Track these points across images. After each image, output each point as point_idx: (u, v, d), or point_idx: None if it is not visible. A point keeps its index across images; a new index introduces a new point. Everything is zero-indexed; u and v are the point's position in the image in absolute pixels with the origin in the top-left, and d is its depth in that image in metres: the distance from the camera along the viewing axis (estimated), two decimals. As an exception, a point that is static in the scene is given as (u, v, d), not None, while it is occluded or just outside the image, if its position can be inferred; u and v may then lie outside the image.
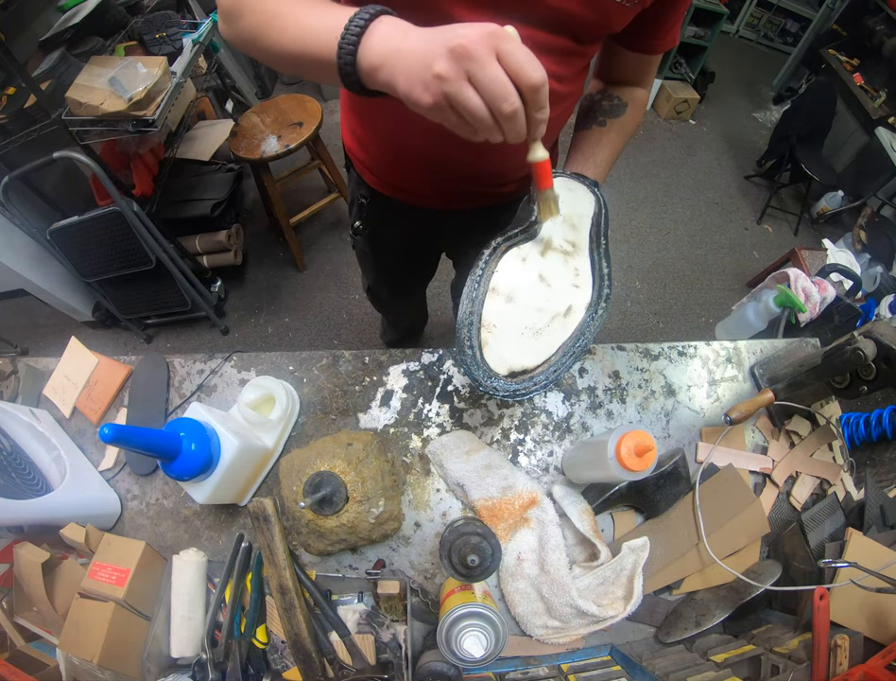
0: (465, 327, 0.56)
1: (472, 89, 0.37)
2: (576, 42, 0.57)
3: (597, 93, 0.73)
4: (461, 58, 0.36)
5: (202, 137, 2.19)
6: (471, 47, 0.36)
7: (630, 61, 0.69)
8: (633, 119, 0.71)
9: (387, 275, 1.14)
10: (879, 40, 2.73)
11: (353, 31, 0.41)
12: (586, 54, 0.61)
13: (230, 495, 0.70)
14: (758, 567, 0.69)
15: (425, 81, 0.38)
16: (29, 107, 1.39)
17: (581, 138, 0.71)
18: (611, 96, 0.71)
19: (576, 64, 0.61)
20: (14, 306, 1.99)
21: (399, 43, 0.40)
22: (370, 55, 0.41)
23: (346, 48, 0.42)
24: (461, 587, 0.60)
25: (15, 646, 0.66)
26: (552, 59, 0.57)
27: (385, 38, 0.41)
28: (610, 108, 0.70)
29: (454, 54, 0.36)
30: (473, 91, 0.37)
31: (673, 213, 2.70)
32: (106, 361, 0.83)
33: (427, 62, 0.38)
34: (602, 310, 0.61)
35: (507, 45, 0.37)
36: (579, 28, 0.55)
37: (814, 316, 1.42)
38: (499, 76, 0.36)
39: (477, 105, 0.37)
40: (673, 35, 0.64)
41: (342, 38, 0.42)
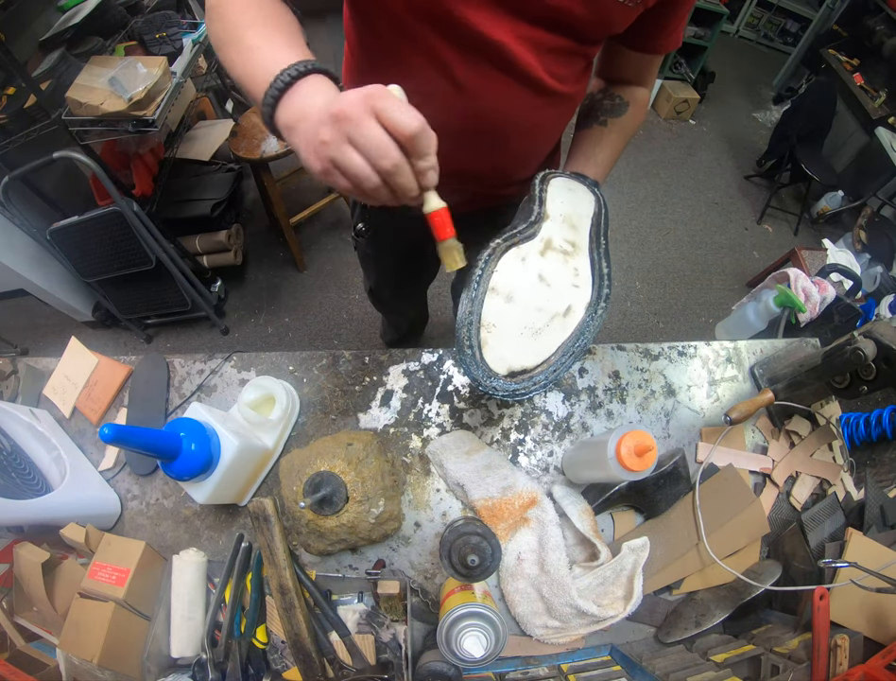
0: (465, 327, 0.56)
1: (353, 150, 0.37)
2: (577, 42, 0.56)
3: (599, 92, 0.73)
4: (340, 121, 0.37)
5: (202, 137, 2.19)
6: (347, 110, 0.37)
7: (633, 61, 0.68)
8: (635, 119, 0.71)
9: (388, 277, 1.14)
10: (879, 40, 2.73)
11: (278, 85, 0.42)
12: (588, 54, 0.61)
13: (230, 495, 0.70)
14: (758, 567, 0.69)
15: (315, 148, 0.39)
16: (29, 107, 1.39)
17: (582, 137, 0.71)
18: (613, 95, 0.71)
19: (577, 64, 0.61)
20: (14, 306, 1.99)
21: (305, 109, 0.41)
22: (284, 116, 0.43)
23: (267, 101, 0.43)
24: (461, 587, 0.60)
25: (15, 646, 0.66)
26: (553, 58, 0.57)
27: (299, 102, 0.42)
28: (611, 107, 0.70)
29: (334, 118, 0.37)
30: (354, 152, 0.37)
31: (673, 213, 2.70)
32: (106, 361, 0.83)
33: (316, 130, 0.39)
34: (602, 310, 0.61)
35: (381, 103, 0.37)
36: (581, 28, 0.55)
37: (814, 316, 1.42)
38: (375, 133, 0.37)
39: (359, 164, 0.38)
40: (676, 36, 0.64)
41: (267, 92, 0.43)
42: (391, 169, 0.38)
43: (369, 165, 0.38)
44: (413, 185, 0.40)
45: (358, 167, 0.38)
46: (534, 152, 0.73)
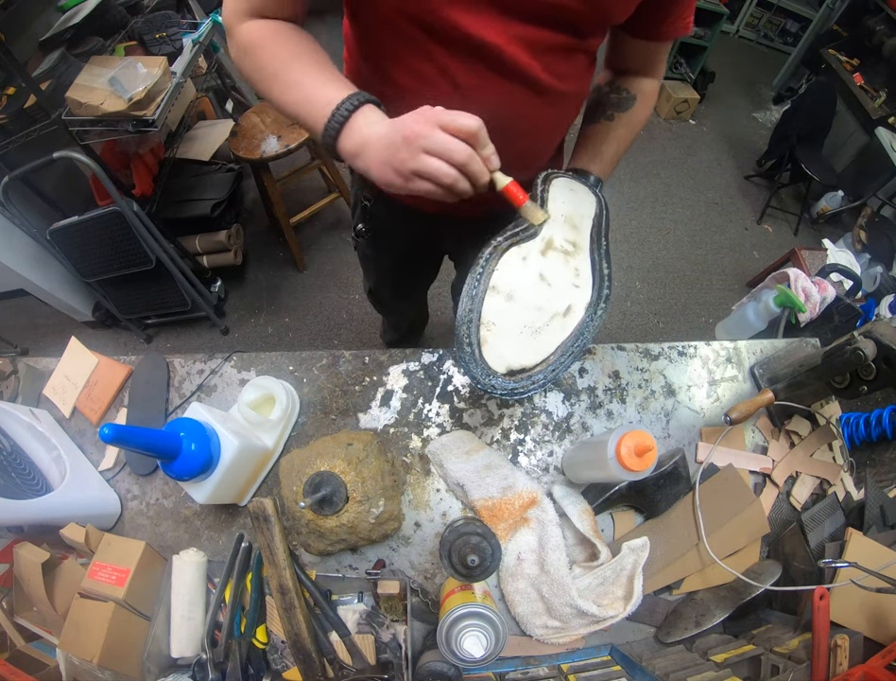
0: (464, 325, 0.56)
1: (429, 157, 0.45)
2: (575, 36, 0.56)
3: (606, 85, 0.72)
4: (413, 140, 0.45)
5: (202, 137, 2.19)
6: (417, 129, 0.45)
7: (639, 50, 0.67)
8: (642, 113, 0.70)
9: (389, 277, 1.14)
10: (879, 40, 2.73)
11: (337, 119, 0.49)
12: (589, 49, 0.60)
13: (230, 495, 0.70)
14: (758, 567, 0.69)
15: (394, 167, 0.47)
16: (29, 107, 1.39)
17: (589, 133, 0.70)
18: (620, 88, 0.70)
19: (578, 60, 0.60)
20: (14, 306, 1.99)
21: (367, 136, 0.49)
22: (348, 145, 0.50)
23: (329, 133, 0.50)
24: (461, 587, 0.60)
25: (15, 646, 0.66)
26: (552, 56, 0.56)
27: (359, 131, 0.49)
28: (618, 101, 0.69)
29: (407, 141, 0.46)
30: (430, 158, 0.45)
31: (673, 213, 2.70)
32: (106, 361, 0.83)
33: (391, 152, 0.47)
34: (601, 311, 0.61)
35: (442, 117, 0.45)
36: (578, 22, 0.54)
37: (814, 316, 1.42)
38: (444, 138, 0.45)
39: (439, 166, 0.45)
40: (685, 21, 0.61)
41: (327, 125, 0.50)
42: (466, 160, 0.46)
43: (445, 163, 0.45)
44: (483, 169, 0.48)
45: (438, 168, 0.45)
46: (537, 152, 0.72)
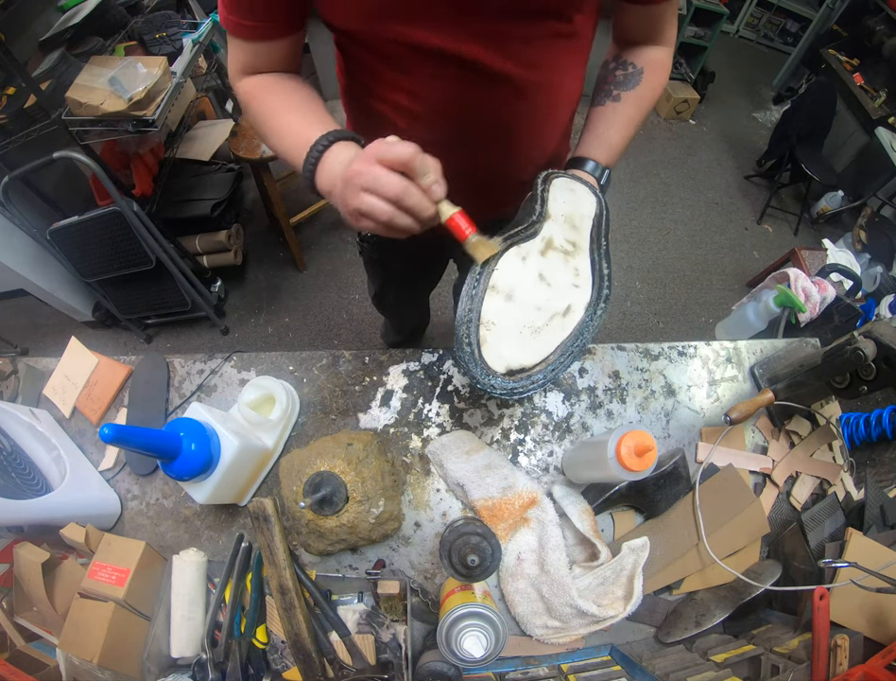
0: (464, 324, 0.56)
1: (367, 194, 0.44)
2: (559, 20, 0.53)
3: (612, 60, 0.68)
4: (352, 179, 0.44)
5: (202, 137, 2.19)
6: (356, 167, 0.44)
7: (639, 16, 0.63)
8: (652, 87, 0.66)
9: (394, 282, 1.13)
10: (879, 40, 2.73)
11: (311, 161, 0.51)
12: (577, 33, 0.57)
13: (230, 495, 0.70)
14: (758, 567, 0.69)
15: (346, 209, 0.47)
16: (29, 107, 1.39)
17: (594, 116, 0.67)
18: (625, 63, 0.66)
19: (569, 47, 0.58)
20: (14, 306, 1.99)
21: (334, 177, 0.49)
22: (321, 185, 0.52)
23: (307, 175, 0.52)
24: (461, 587, 0.60)
25: (15, 646, 0.66)
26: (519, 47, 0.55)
27: (329, 171, 0.50)
28: (623, 79, 0.66)
29: (347, 180, 0.45)
30: (368, 195, 0.44)
31: (673, 213, 2.70)
32: (106, 361, 0.83)
33: (342, 195, 0.47)
34: (601, 311, 0.61)
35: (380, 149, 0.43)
36: (552, 4, 0.52)
37: (814, 316, 1.42)
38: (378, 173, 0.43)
39: (373, 203, 0.44)
40: None
41: (304, 165, 0.52)
42: (398, 193, 0.43)
43: (381, 199, 0.43)
44: (424, 202, 0.45)
45: (373, 205, 0.44)
46: (525, 149, 0.70)
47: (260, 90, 0.60)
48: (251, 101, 0.61)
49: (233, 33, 0.57)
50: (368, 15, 0.52)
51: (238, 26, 0.56)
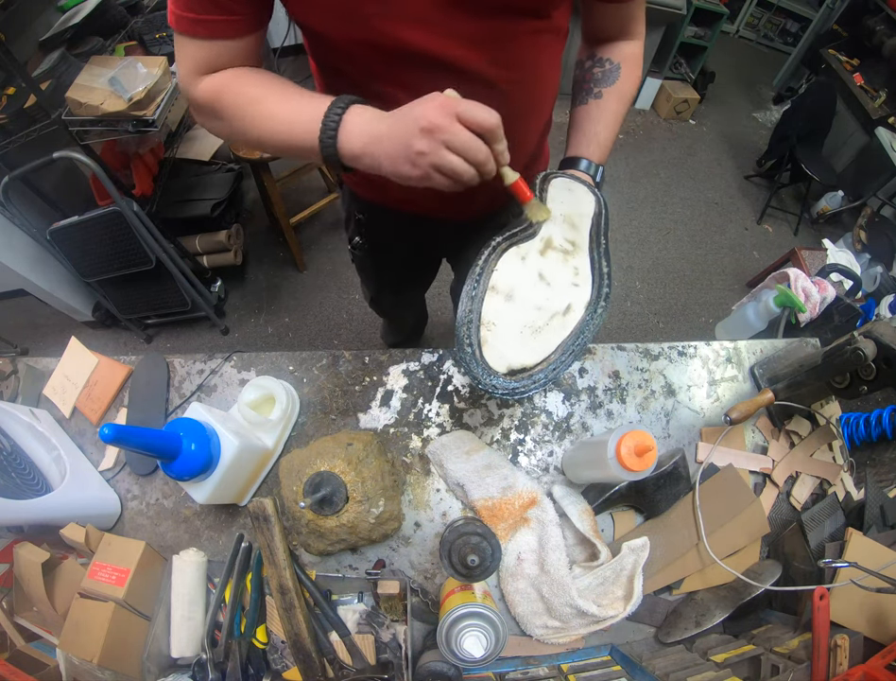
0: (464, 325, 0.56)
1: (451, 154, 0.44)
2: (537, 18, 0.54)
3: (587, 59, 0.69)
4: (433, 132, 0.44)
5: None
6: (437, 121, 0.43)
7: (611, 14, 0.64)
8: (630, 79, 0.67)
9: (389, 285, 1.14)
10: (879, 40, 2.73)
11: (330, 126, 0.48)
12: (555, 28, 0.58)
13: (230, 495, 0.70)
14: (758, 567, 0.69)
15: (411, 159, 0.45)
16: (29, 107, 1.39)
17: (579, 115, 0.67)
18: (602, 60, 0.67)
19: (548, 42, 0.58)
20: (14, 306, 1.99)
21: (372, 132, 0.48)
22: (350, 146, 0.49)
23: (327, 142, 0.49)
24: (461, 587, 0.60)
25: (15, 646, 0.66)
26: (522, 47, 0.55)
27: (358, 129, 0.48)
28: (602, 75, 0.67)
29: (427, 132, 0.44)
30: (452, 155, 0.45)
31: (673, 213, 2.70)
32: (106, 361, 0.83)
33: (406, 144, 0.45)
34: (602, 309, 0.61)
35: (461, 107, 0.44)
36: (529, 4, 0.52)
37: (814, 316, 1.42)
38: (466, 136, 0.44)
39: (460, 164, 0.45)
40: None
41: (322, 132, 0.49)
42: (484, 160, 0.46)
43: (465, 162, 0.45)
44: (494, 167, 0.48)
45: (459, 166, 0.45)
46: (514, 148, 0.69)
47: (230, 81, 0.55)
48: (221, 95, 0.55)
49: (190, 31, 0.53)
50: (348, 13, 0.49)
51: (196, 23, 0.52)
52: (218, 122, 0.57)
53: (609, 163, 0.71)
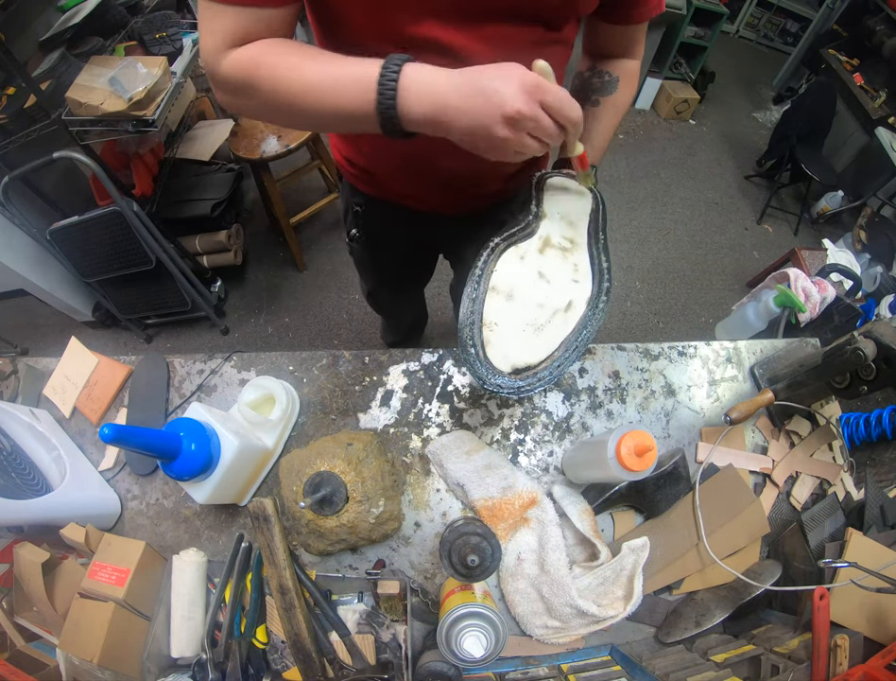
0: (467, 327, 0.56)
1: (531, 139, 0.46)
2: (549, 29, 0.55)
3: (587, 70, 0.72)
4: (519, 121, 0.44)
5: (202, 137, 2.19)
6: (524, 111, 0.43)
7: (616, 35, 0.67)
8: (626, 94, 0.71)
9: (385, 279, 1.14)
10: (879, 40, 2.73)
11: (389, 86, 0.45)
12: (564, 40, 0.60)
13: (230, 495, 0.70)
14: (758, 567, 0.69)
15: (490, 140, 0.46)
16: (29, 107, 1.39)
17: None
18: (601, 72, 0.70)
19: (552, 52, 0.59)
20: (14, 306, 1.99)
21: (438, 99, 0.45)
22: (414, 110, 0.46)
23: (386, 103, 0.45)
24: (461, 587, 0.60)
25: (15, 646, 0.66)
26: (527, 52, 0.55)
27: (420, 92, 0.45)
28: (601, 85, 0.70)
29: (510, 121, 0.44)
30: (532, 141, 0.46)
31: (673, 213, 2.70)
32: (106, 361, 0.83)
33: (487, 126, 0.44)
34: (603, 304, 0.61)
35: (547, 98, 0.44)
36: (547, 16, 0.54)
37: (814, 316, 1.42)
38: (549, 125, 0.45)
39: (539, 148, 0.47)
40: (658, 1, 0.62)
41: (380, 93, 0.45)
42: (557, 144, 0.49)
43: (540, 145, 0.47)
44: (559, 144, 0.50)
45: (536, 149, 0.47)
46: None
47: (266, 51, 0.50)
48: (258, 67, 0.49)
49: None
50: (379, 5, 0.49)
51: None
52: (250, 98, 0.52)
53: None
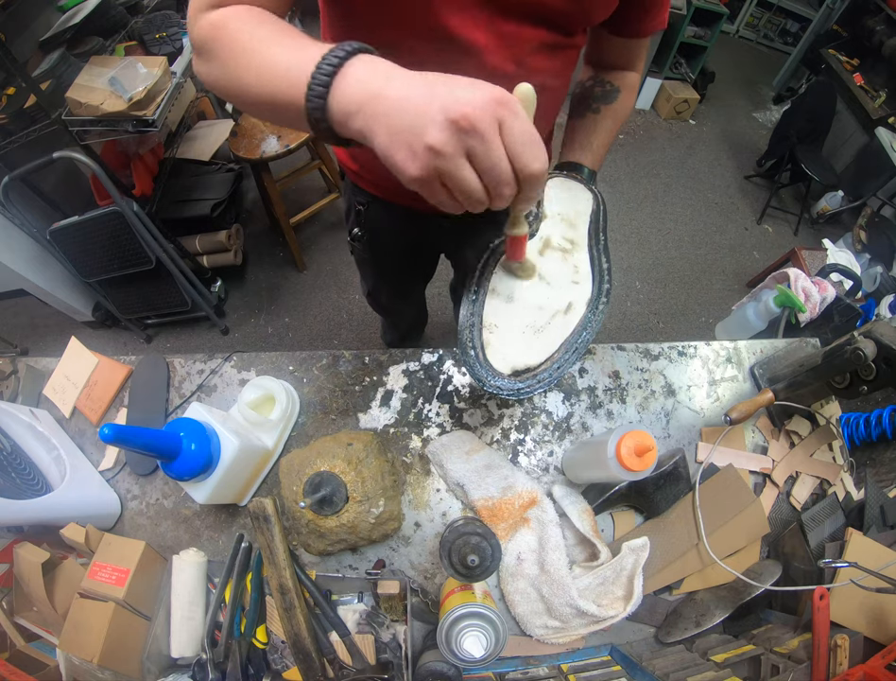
0: (466, 329, 0.56)
1: (469, 168, 0.33)
2: (561, 34, 0.56)
3: (588, 79, 0.73)
4: (463, 131, 0.32)
5: (202, 137, 2.19)
6: (475, 120, 0.31)
7: (620, 47, 0.69)
8: (626, 104, 0.72)
9: (386, 279, 1.14)
10: (879, 40, 2.73)
11: (324, 70, 0.36)
12: (575, 45, 0.61)
13: (230, 495, 0.70)
14: (758, 567, 0.69)
15: (414, 149, 0.33)
16: (29, 107, 1.39)
17: (576, 126, 0.71)
18: (603, 81, 0.71)
19: (562, 57, 0.60)
20: (14, 306, 1.99)
21: (379, 88, 0.35)
22: (344, 100, 0.36)
23: (315, 90, 0.36)
24: (461, 587, 0.60)
25: (15, 646, 0.66)
26: (538, 54, 0.57)
27: (362, 80, 0.36)
28: (602, 94, 0.71)
29: (454, 126, 0.32)
30: (471, 170, 0.33)
31: (673, 213, 2.70)
32: (106, 361, 0.83)
33: (419, 126, 0.32)
34: (603, 305, 0.61)
35: (511, 120, 0.33)
36: (563, 21, 0.55)
37: (814, 316, 1.42)
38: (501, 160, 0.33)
39: (474, 187, 0.34)
40: (662, 17, 0.63)
41: (312, 77, 0.36)
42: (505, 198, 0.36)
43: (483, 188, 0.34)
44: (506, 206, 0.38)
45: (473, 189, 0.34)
46: None
47: (234, 15, 0.44)
48: (221, 31, 0.44)
49: None
50: None
51: None
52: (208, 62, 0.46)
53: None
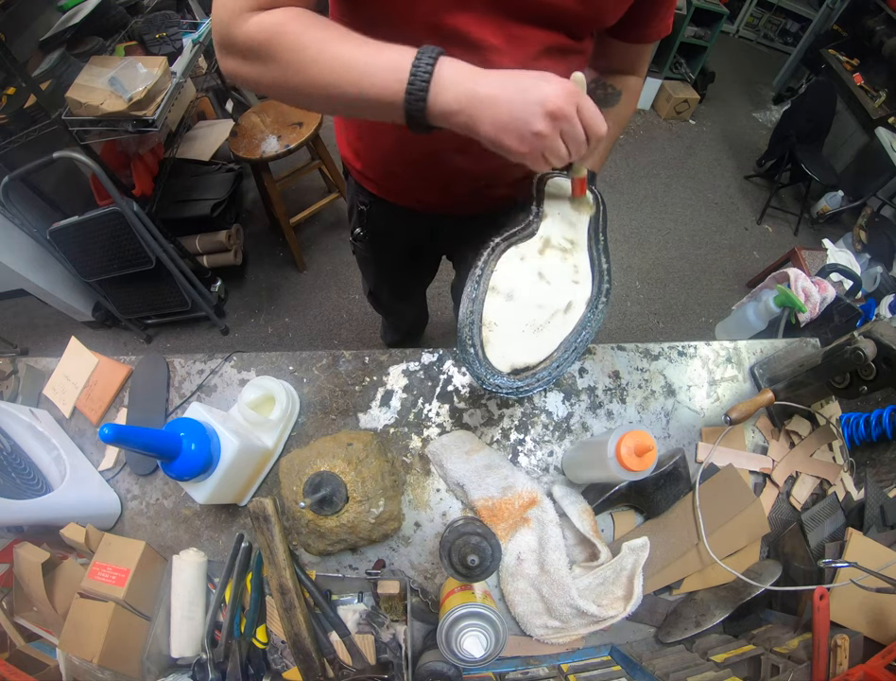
0: (466, 327, 0.56)
1: (562, 142, 0.46)
2: (570, 38, 0.57)
3: (591, 82, 0.73)
4: (558, 119, 0.44)
5: (202, 137, 2.19)
6: (566, 110, 0.44)
7: (624, 51, 0.69)
8: (628, 107, 0.72)
9: (388, 279, 1.14)
10: (879, 40, 2.73)
11: (421, 77, 0.44)
12: (583, 50, 0.61)
13: (230, 495, 0.70)
14: (758, 567, 0.69)
15: (522, 135, 0.45)
16: (29, 107, 1.39)
17: None
18: (605, 85, 0.71)
19: (571, 61, 0.61)
20: (14, 306, 1.99)
21: (472, 88, 0.44)
22: (444, 100, 0.45)
23: (416, 94, 0.44)
24: (461, 587, 0.60)
25: (15, 646, 0.66)
26: (547, 58, 0.57)
27: (455, 82, 0.44)
28: (604, 97, 0.71)
29: (551, 115, 0.44)
30: (562, 143, 0.46)
31: (673, 213, 2.70)
32: (106, 361, 0.83)
33: (523, 118, 0.44)
34: (602, 305, 0.61)
35: (584, 102, 0.46)
36: (573, 24, 0.55)
37: (814, 316, 1.42)
38: (580, 132, 0.46)
39: (564, 153, 0.47)
40: (666, 23, 0.64)
41: (410, 83, 0.44)
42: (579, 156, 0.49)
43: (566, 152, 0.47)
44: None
45: (563, 155, 0.47)
46: None
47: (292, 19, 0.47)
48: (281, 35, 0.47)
49: None
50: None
51: None
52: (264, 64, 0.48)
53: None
